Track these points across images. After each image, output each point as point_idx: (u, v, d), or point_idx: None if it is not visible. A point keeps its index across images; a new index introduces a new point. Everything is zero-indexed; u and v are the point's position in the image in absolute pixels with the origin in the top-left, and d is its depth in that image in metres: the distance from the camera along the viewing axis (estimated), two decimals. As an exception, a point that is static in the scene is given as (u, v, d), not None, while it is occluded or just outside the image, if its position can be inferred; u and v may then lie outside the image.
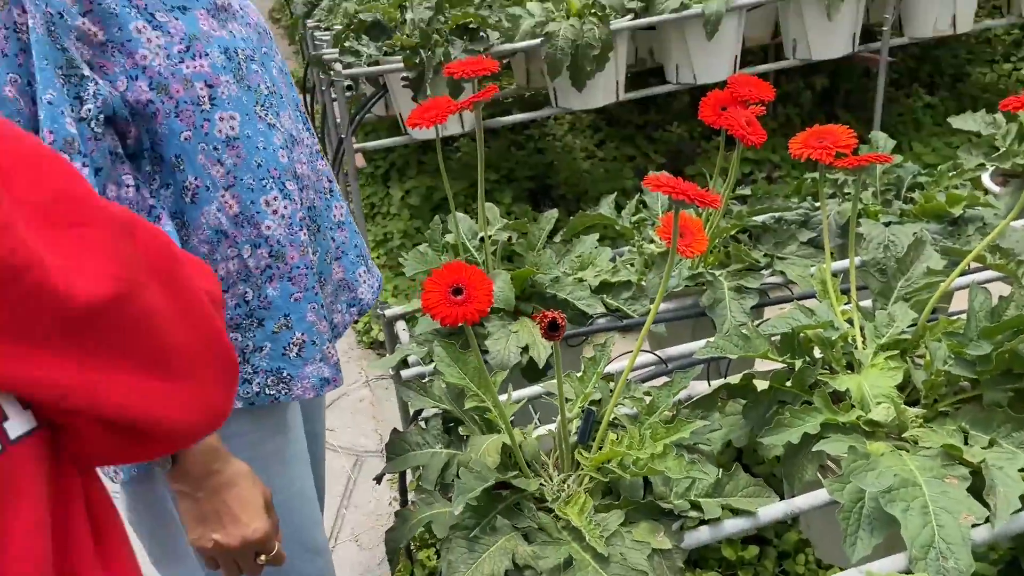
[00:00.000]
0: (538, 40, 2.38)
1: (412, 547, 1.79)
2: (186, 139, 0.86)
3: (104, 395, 0.48)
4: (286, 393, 0.96)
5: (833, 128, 1.16)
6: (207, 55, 0.87)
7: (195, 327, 0.54)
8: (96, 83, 0.80)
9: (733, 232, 1.55)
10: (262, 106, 0.93)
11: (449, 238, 1.60)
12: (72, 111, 0.78)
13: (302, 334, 0.97)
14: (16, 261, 0.44)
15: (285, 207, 0.94)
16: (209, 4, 0.91)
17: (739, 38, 2.64)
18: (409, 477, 1.54)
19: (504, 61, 2.67)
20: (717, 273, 1.44)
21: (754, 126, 1.36)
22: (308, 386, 0.98)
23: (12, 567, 0.45)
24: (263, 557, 0.89)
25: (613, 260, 1.55)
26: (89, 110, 0.79)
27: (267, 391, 0.95)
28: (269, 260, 0.93)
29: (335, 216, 1.08)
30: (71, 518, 0.50)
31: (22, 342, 0.45)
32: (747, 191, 1.71)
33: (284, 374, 0.96)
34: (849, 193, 1.67)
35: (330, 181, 1.08)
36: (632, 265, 1.54)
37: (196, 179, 0.88)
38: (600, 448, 1.02)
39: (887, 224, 1.52)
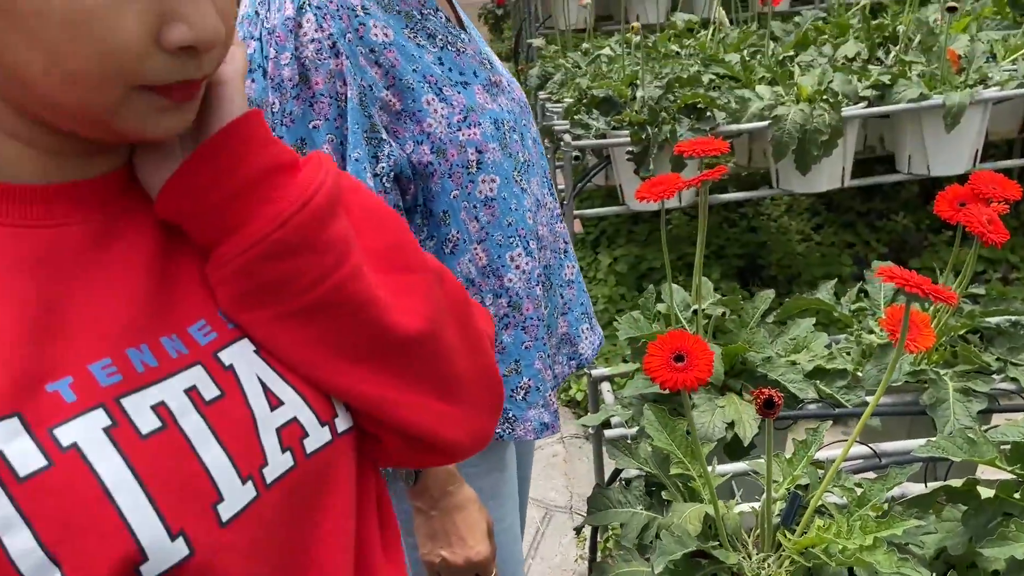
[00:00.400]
0: (765, 123, 2.40)
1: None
2: (454, 197, 0.98)
3: (404, 411, 0.57)
4: (509, 432, 1.04)
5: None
6: (480, 125, 0.99)
7: (476, 361, 0.62)
8: (390, 145, 0.93)
9: (963, 331, 1.48)
10: (518, 172, 1.03)
11: (661, 307, 1.64)
12: (371, 168, 0.91)
13: (529, 379, 1.05)
14: (361, 298, 0.54)
15: (526, 263, 1.04)
16: (485, 80, 1.03)
17: (982, 131, 2.52)
18: (598, 537, 1.57)
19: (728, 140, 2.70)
20: (942, 372, 1.38)
21: (996, 225, 1.31)
22: (529, 428, 1.06)
23: (326, 540, 0.54)
24: (479, 580, 0.96)
25: (829, 347, 1.53)
26: (383, 168, 0.92)
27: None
28: (507, 310, 1.03)
29: (566, 274, 1.17)
30: (366, 512, 0.59)
31: (353, 360, 0.55)
32: (980, 290, 1.63)
33: (510, 415, 1.04)
34: (1100, 303, 1.55)
35: (565, 242, 1.17)
36: (848, 354, 1.51)
37: (457, 232, 0.99)
38: (804, 532, 1.02)
39: None
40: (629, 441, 1.23)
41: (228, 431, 0.49)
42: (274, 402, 0.52)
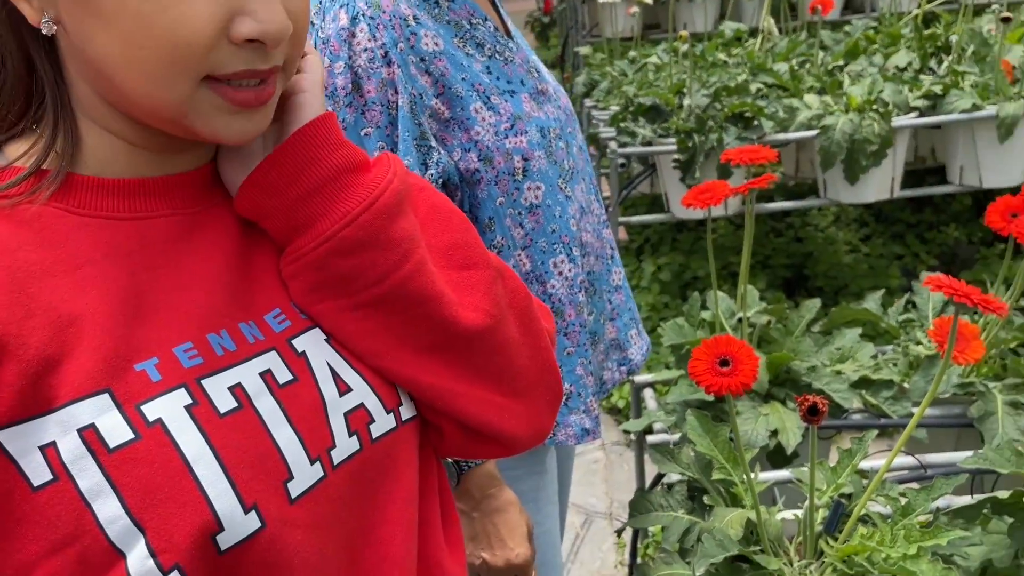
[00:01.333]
0: (813, 132, 2.39)
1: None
2: (500, 204, 1.00)
3: (464, 402, 0.59)
4: (551, 438, 1.06)
5: None
6: (526, 132, 1.01)
7: (536, 356, 0.64)
8: (439, 152, 0.96)
9: (1013, 345, 1.46)
10: (563, 179, 1.05)
11: (706, 315, 1.64)
12: (420, 174, 0.94)
13: (571, 385, 1.07)
14: (426, 292, 0.56)
15: (569, 270, 1.05)
16: (532, 89, 1.05)
17: (1036, 142, 2.48)
18: (638, 542, 1.58)
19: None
20: (991, 385, 1.37)
21: (1048, 236, 1.30)
22: (571, 433, 1.07)
23: (389, 523, 0.56)
24: (518, 583, 0.98)
25: (875, 357, 1.52)
26: (432, 174, 0.95)
27: None
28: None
29: (613, 280, 1.18)
30: (428, 499, 0.62)
31: (418, 352, 0.57)
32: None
33: None
34: None
35: (612, 248, 1.18)
36: (895, 365, 1.50)
37: (502, 239, 1.01)
38: (847, 541, 1.02)
39: None
40: (672, 446, 1.24)
41: (299, 413, 0.52)
42: (343, 388, 0.55)
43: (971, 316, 1.53)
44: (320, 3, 0.97)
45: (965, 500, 1.14)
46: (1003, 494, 1.04)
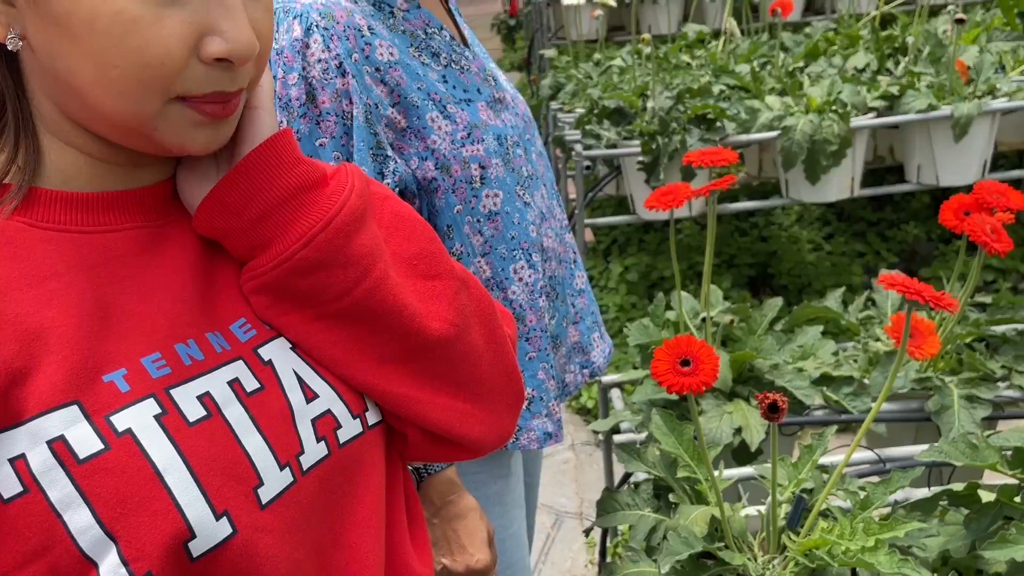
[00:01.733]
0: (775, 133, 2.42)
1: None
2: (458, 212, 1.01)
3: (428, 409, 0.60)
4: (513, 442, 1.07)
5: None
6: (483, 141, 1.02)
7: (499, 363, 0.65)
8: (395, 162, 0.96)
9: (969, 340, 1.50)
10: (521, 186, 1.06)
11: (670, 315, 1.66)
12: None
13: (532, 390, 1.08)
14: (388, 305, 0.57)
15: (530, 275, 1.06)
16: (489, 97, 1.06)
17: (991, 142, 2.53)
18: (607, 541, 1.59)
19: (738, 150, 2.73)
20: (947, 379, 1.40)
21: (1000, 234, 1.33)
22: (533, 438, 1.08)
23: (358, 525, 0.57)
24: (481, 587, 0.98)
25: (836, 354, 1.55)
26: (388, 183, 0.95)
27: None
28: None
29: (576, 284, 1.19)
30: (395, 502, 0.63)
31: (381, 361, 0.58)
32: (987, 299, 1.65)
33: None
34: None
35: (575, 252, 1.20)
36: (855, 361, 1.53)
37: (461, 246, 1.02)
38: (809, 535, 1.04)
39: None
40: (638, 446, 1.26)
41: (267, 421, 0.53)
42: (309, 395, 0.56)
43: (928, 312, 1.57)
44: (274, 14, 0.97)
45: (923, 493, 1.17)
46: (958, 486, 1.07)
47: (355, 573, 0.56)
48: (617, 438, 1.45)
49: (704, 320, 1.60)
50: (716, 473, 1.25)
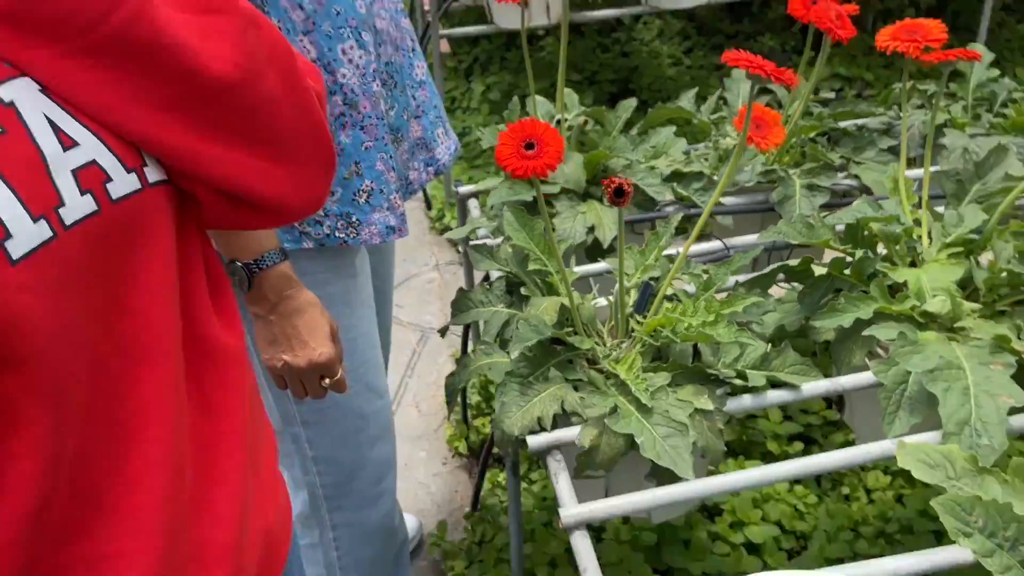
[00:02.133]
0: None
1: (468, 415, 1.88)
2: None
3: (215, 166, 0.54)
4: (354, 237, 1.02)
5: (924, 22, 1.14)
6: None
7: (303, 118, 0.59)
8: None
9: (812, 134, 1.54)
10: None
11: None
12: None
13: (371, 182, 1.02)
14: (155, 39, 0.49)
15: (360, 57, 0.98)
16: None
17: (844, -56, 2.53)
18: (468, 343, 1.61)
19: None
20: (791, 171, 1.44)
21: (844, 21, 1.33)
22: (375, 232, 1.03)
23: (144, 290, 0.52)
24: (327, 381, 0.96)
25: (687, 152, 1.56)
26: None
27: (336, 233, 1.01)
28: (343, 108, 0.98)
29: (417, 75, 1.12)
30: (191, 269, 0.57)
31: (155, 108, 0.51)
32: (831, 96, 1.68)
33: (353, 219, 1.01)
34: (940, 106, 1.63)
35: (413, 40, 1.11)
36: (706, 160, 1.55)
37: (278, 21, 0.92)
38: (655, 317, 1.06)
39: (972, 136, 1.49)
40: (494, 248, 1.24)
41: (12, 169, 0.46)
42: (67, 142, 0.48)
43: (777, 106, 1.59)
44: None
45: (763, 276, 1.21)
46: (794, 262, 1.11)
47: (147, 342, 0.52)
48: (472, 243, 1.43)
49: (559, 122, 1.57)
50: (570, 271, 1.26)
